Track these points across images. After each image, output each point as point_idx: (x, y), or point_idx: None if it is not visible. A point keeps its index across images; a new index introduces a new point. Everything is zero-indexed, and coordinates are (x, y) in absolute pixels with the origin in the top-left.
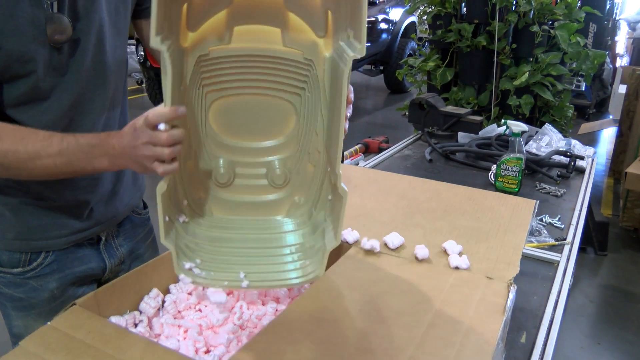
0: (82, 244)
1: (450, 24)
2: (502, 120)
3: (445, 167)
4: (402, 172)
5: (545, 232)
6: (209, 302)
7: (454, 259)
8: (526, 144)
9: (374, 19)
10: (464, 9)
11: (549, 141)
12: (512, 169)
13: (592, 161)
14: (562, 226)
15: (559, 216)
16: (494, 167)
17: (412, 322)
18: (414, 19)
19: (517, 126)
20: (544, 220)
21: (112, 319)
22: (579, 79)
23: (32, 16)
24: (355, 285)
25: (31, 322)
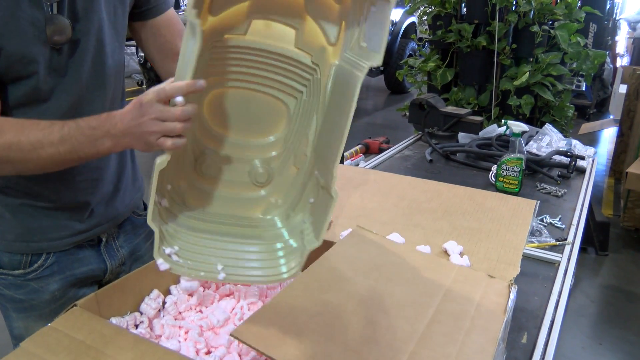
0: (83, 245)
1: (450, 24)
2: (503, 120)
3: (445, 167)
4: (403, 172)
5: (546, 232)
6: (210, 303)
7: (455, 260)
8: (527, 144)
9: None
10: (464, 10)
11: (549, 141)
12: (512, 169)
13: (593, 161)
14: (563, 226)
15: (560, 216)
16: (495, 168)
17: (414, 315)
18: (414, 19)
19: (518, 126)
20: (544, 220)
21: (113, 320)
22: (579, 79)
23: (32, 17)
24: (358, 268)
25: (32, 323)
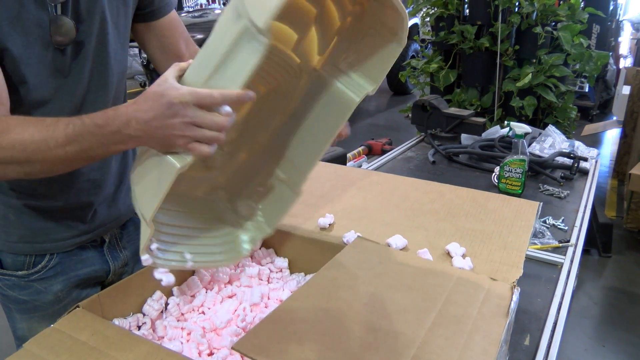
0: (86, 246)
1: (453, 25)
2: (505, 121)
3: (448, 168)
4: (405, 174)
5: (548, 233)
6: (212, 304)
7: (458, 261)
8: (529, 145)
9: None
10: (467, 11)
11: (552, 143)
12: (515, 170)
13: (596, 162)
14: (566, 228)
15: (563, 218)
16: (497, 169)
17: (416, 319)
18: (416, 20)
19: (520, 128)
20: (547, 222)
21: (116, 321)
22: (583, 80)
23: (37, 18)
24: (359, 277)
25: (35, 324)
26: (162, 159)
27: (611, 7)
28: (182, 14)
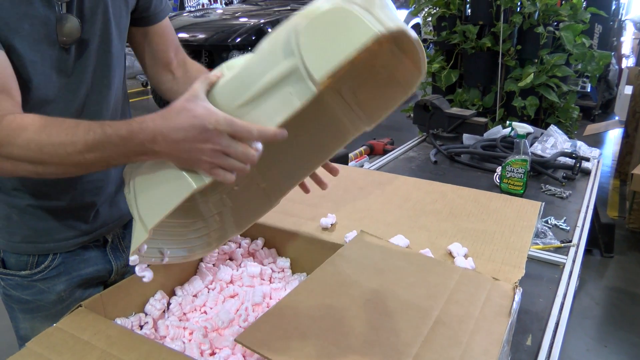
0: (89, 246)
1: (454, 25)
2: (507, 121)
3: (450, 168)
4: (407, 174)
5: (550, 234)
6: (214, 304)
7: (460, 261)
8: (531, 145)
9: None
10: (469, 11)
11: (554, 143)
12: (517, 170)
13: (598, 163)
14: (568, 228)
15: (565, 218)
16: (499, 169)
17: (418, 317)
18: (418, 20)
19: (522, 128)
20: (549, 222)
21: (118, 321)
22: (585, 80)
23: (44, 16)
24: (361, 272)
25: (38, 324)
26: (178, 175)
27: (613, 7)
28: (184, 14)
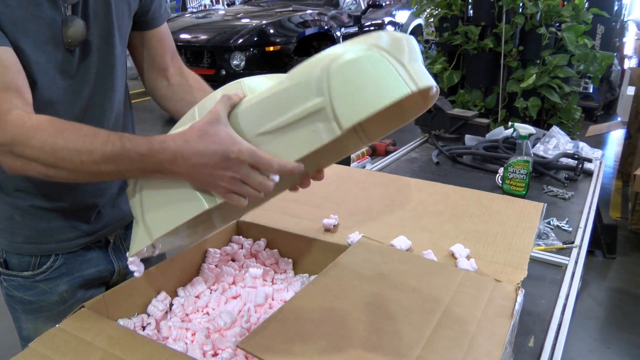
0: (91, 247)
1: (456, 26)
2: (509, 122)
3: (452, 170)
4: (409, 175)
5: (553, 235)
6: (216, 305)
7: (462, 262)
8: (533, 146)
9: (380, 22)
10: (471, 12)
11: (556, 144)
12: (519, 171)
13: (600, 163)
14: (570, 229)
15: (567, 219)
16: (501, 170)
17: (420, 320)
18: (420, 21)
19: (525, 129)
20: (551, 223)
21: (120, 322)
22: (587, 81)
23: (50, 18)
24: (363, 277)
25: (40, 325)
26: (191, 192)
27: (616, 8)
28: (186, 15)
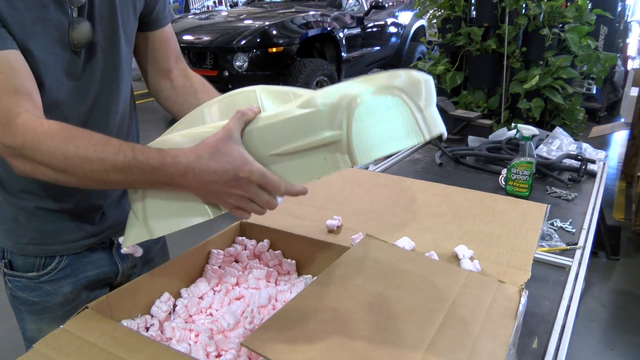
0: (95, 248)
1: (459, 27)
2: (513, 123)
3: (455, 171)
4: (412, 176)
5: (556, 236)
6: (220, 306)
7: (466, 264)
8: (537, 147)
9: (383, 23)
10: (474, 13)
11: (559, 145)
12: (522, 172)
13: (604, 165)
14: (574, 230)
15: (570, 220)
16: (505, 171)
17: (424, 320)
18: (423, 22)
19: (528, 130)
20: (555, 224)
21: (124, 323)
22: (590, 81)
23: (57, 20)
24: (367, 276)
25: (44, 326)
26: (197, 202)
27: (619, 8)
28: (189, 16)
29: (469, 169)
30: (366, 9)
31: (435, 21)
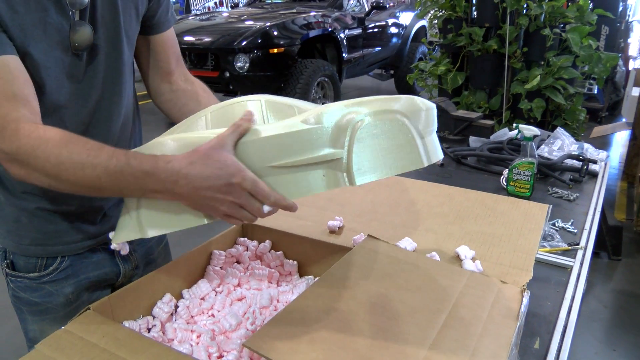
0: (97, 249)
1: (460, 27)
2: (514, 124)
3: (456, 171)
4: (414, 176)
5: (558, 236)
6: (221, 307)
7: (467, 264)
8: (538, 148)
9: (384, 23)
10: (475, 13)
11: (561, 145)
12: (524, 173)
13: (605, 165)
14: (575, 231)
15: (572, 220)
16: (506, 172)
17: (426, 321)
18: (424, 23)
19: (529, 130)
20: (556, 224)
21: (126, 324)
22: (591, 82)
23: (58, 23)
24: (369, 276)
25: (46, 326)
26: (188, 210)
27: (620, 8)
28: (190, 17)
29: (471, 169)
30: (367, 9)
31: (436, 22)
